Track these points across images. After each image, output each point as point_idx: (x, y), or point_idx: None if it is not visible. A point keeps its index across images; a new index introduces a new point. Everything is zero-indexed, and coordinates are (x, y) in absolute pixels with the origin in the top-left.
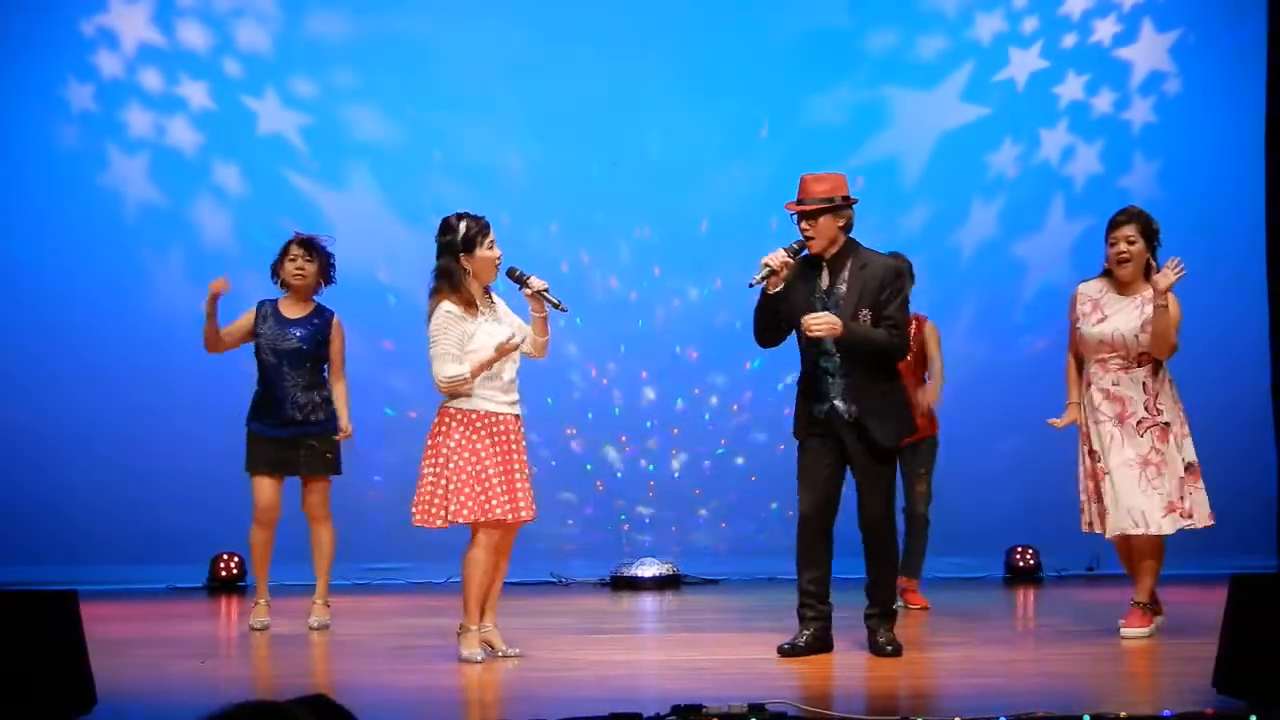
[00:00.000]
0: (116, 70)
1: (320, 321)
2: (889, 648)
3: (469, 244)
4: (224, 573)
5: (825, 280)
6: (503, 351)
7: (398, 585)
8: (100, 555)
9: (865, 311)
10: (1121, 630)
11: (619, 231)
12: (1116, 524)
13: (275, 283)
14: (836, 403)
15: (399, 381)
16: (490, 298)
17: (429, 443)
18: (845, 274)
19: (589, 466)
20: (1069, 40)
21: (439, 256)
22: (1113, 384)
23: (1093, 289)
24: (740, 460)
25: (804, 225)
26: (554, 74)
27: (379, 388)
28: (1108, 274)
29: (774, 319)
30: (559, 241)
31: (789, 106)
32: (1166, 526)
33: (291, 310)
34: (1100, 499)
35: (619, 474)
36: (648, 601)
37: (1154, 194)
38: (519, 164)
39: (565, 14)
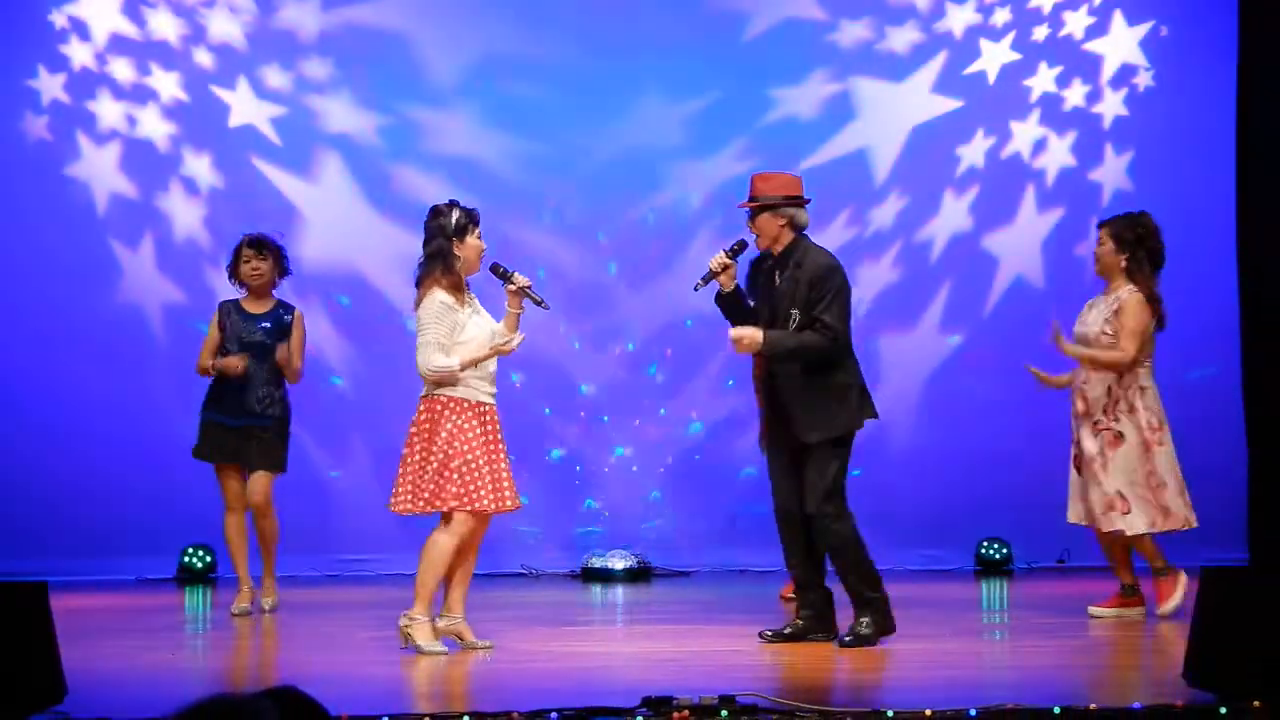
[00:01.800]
0: (87, 60)
1: (283, 316)
2: (846, 638)
3: (460, 231)
4: (192, 564)
5: (776, 278)
6: (496, 353)
7: (368, 577)
8: (70, 547)
9: (794, 312)
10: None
11: (590, 223)
12: (1072, 513)
13: (234, 284)
14: (778, 400)
15: (365, 375)
16: (469, 292)
17: (413, 430)
18: (788, 273)
19: (557, 453)
20: (1040, 33)
21: (428, 242)
22: (1083, 381)
23: (1099, 295)
24: (712, 452)
25: (748, 223)
26: (526, 66)
27: (346, 377)
28: None
29: (741, 316)
30: (530, 233)
31: (760, 98)
32: (1107, 523)
33: (254, 307)
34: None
35: (591, 465)
36: (618, 594)
37: (1125, 187)
38: (491, 156)
39: (538, 6)
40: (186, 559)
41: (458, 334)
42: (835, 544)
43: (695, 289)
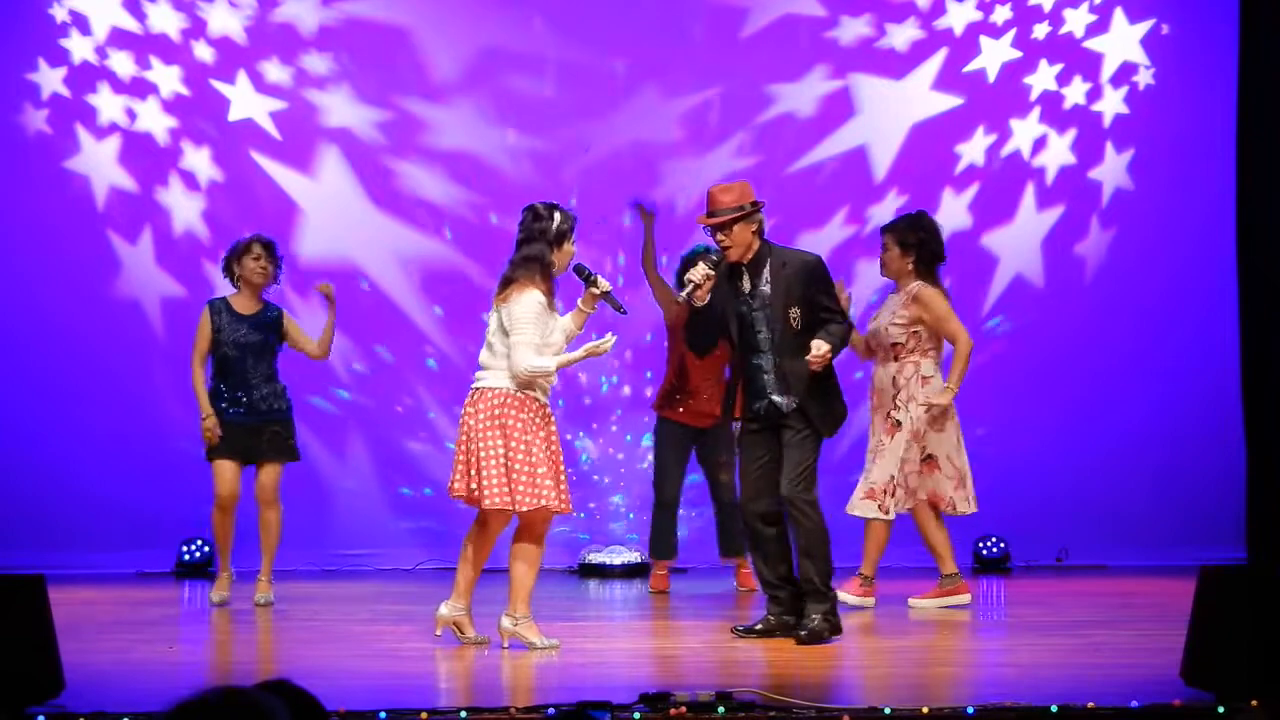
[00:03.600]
0: (87, 54)
1: (272, 317)
2: (800, 632)
3: (560, 238)
4: (192, 557)
5: (747, 284)
6: (591, 354)
7: (366, 572)
8: (68, 540)
9: (795, 310)
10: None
11: (591, 218)
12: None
13: (229, 278)
14: (775, 397)
15: (365, 365)
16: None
17: (487, 423)
18: (766, 275)
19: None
20: (1041, 31)
21: (526, 242)
22: (874, 376)
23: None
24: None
25: (720, 237)
26: (525, 61)
27: (346, 373)
28: None
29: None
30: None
31: (759, 95)
32: (858, 510)
33: (245, 307)
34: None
35: (590, 461)
36: (616, 589)
37: (1125, 185)
38: (490, 151)
39: (537, 1)
40: (185, 552)
41: (548, 336)
42: (809, 528)
43: (677, 301)
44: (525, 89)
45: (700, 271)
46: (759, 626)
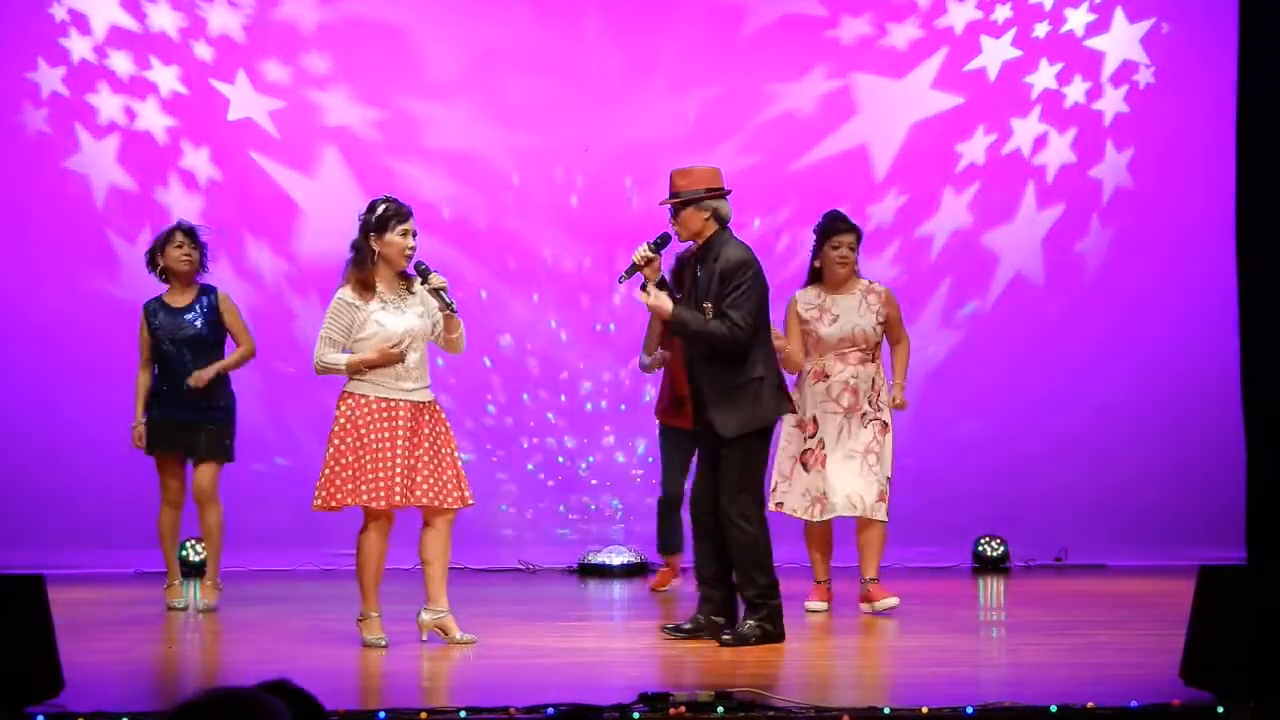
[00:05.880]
0: (86, 53)
1: (208, 301)
2: (726, 635)
3: (381, 225)
4: (189, 558)
5: (698, 271)
6: (384, 357)
7: None
8: (67, 540)
9: (708, 305)
10: (872, 606)
11: (590, 218)
12: (834, 507)
13: (153, 272)
14: (691, 389)
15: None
16: (404, 285)
17: (333, 428)
18: (705, 265)
19: (558, 457)
20: (1041, 29)
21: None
22: (851, 377)
23: (811, 295)
24: None
25: (671, 219)
26: (526, 60)
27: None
28: (817, 278)
29: None
30: (529, 227)
31: (760, 94)
32: (879, 513)
33: (178, 299)
34: (791, 478)
35: (590, 462)
36: (616, 589)
37: (1125, 184)
38: (489, 150)
39: (537, 0)
40: (184, 552)
41: (356, 331)
42: (742, 541)
43: (619, 281)
44: (524, 88)
45: (639, 252)
46: (688, 626)
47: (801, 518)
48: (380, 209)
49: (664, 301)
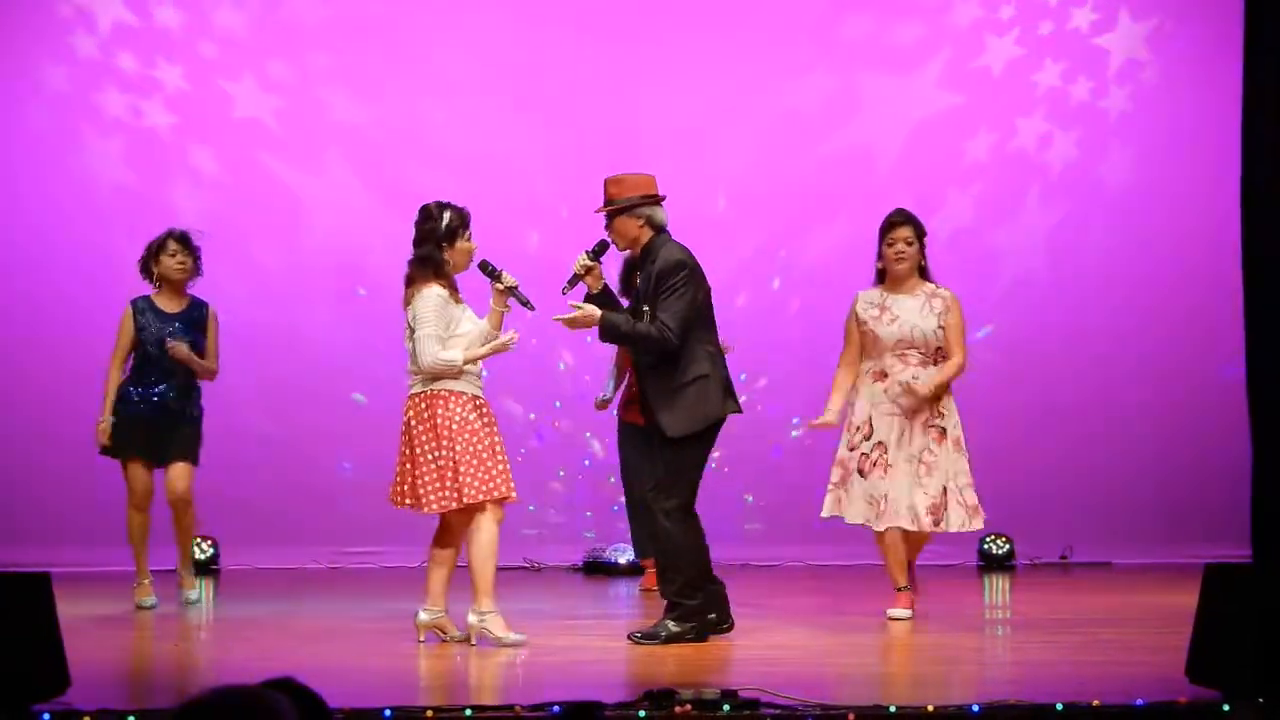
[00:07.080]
0: (92, 52)
1: (199, 315)
2: (637, 634)
3: (451, 235)
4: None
5: (637, 277)
6: (496, 351)
7: (371, 570)
8: (73, 538)
9: (646, 307)
10: (890, 613)
11: (590, 217)
12: (896, 514)
13: (146, 278)
14: (639, 391)
15: (369, 368)
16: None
17: (418, 426)
18: (644, 270)
19: (538, 443)
20: (1046, 28)
21: (419, 244)
22: (912, 378)
23: (873, 295)
24: (715, 452)
25: (606, 228)
26: (531, 58)
27: (350, 374)
28: (882, 277)
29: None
30: (532, 226)
31: (763, 92)
32: (927, 526)
33: (169, 305)
34: (845, 485)
35: (596, 460)
36: (621, 587)
37: (1129, 182)
38: (494, 149)
39: (541, 0)
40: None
41: (452, 328)
42: (663, 539)
43: (563, 292)
44: (529, 86)
45: (579, 261)
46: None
47: (869, 526)
48: (446, 218)
49: (588, 311)
